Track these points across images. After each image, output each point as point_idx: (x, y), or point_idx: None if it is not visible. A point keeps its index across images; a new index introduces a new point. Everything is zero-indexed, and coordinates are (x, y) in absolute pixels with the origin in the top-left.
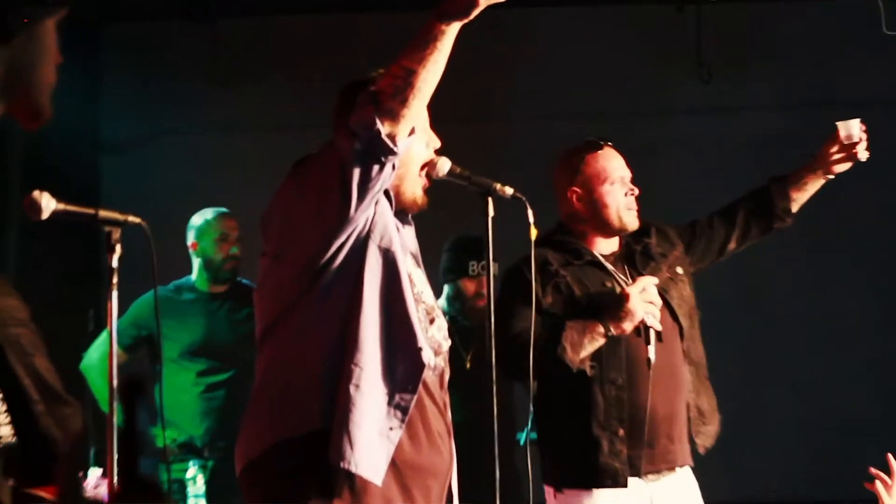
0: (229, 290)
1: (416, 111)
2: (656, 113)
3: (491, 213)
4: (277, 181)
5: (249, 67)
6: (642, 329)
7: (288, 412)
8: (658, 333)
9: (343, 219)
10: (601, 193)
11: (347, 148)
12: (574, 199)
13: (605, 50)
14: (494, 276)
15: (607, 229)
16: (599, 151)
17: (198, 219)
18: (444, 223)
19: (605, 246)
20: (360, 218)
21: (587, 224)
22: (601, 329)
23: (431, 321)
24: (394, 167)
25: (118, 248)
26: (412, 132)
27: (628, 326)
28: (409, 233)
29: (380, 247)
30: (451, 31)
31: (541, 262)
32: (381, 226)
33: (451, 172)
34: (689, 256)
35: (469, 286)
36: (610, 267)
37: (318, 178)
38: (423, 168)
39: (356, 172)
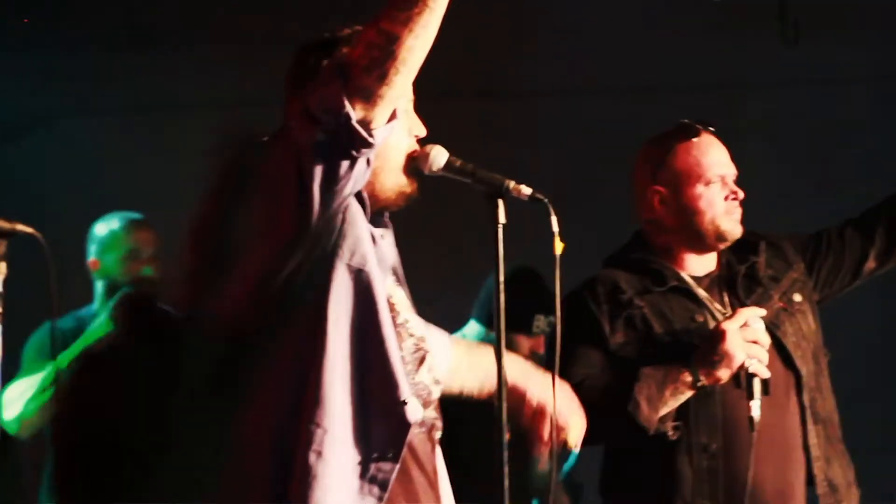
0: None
1: (400, 90)
2: (727, 85)
3: (502, 219)
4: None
5: (175, 28)
6: (743, 378)
7: (227, 487)
8: (765, 383)
9: (301, 230)
10: (693, 195)
11: (307, 137)
12: (657, 202)
13: (657, 4)
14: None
15: (700, 243)
16: (695, 140)
17: (101, 228)
18: (447, 225)
19: (697, 265)
20: (325, 229)
21: (673, 235)
22: (688, 378)
23: (421, 361)
24: (368, 163)
25: (3, 266)
26: (393, 116)
27: (724, 374)
28: (387, 242)
29: (350, 266)
30: None
31: (610, 287)
32: (353, 239)
33: (449, 166)
34: (812, 279)
35: (524, 344)
36: (702, 294)
37: (268, 174)
38: (407, 161)
39: (318, 169)
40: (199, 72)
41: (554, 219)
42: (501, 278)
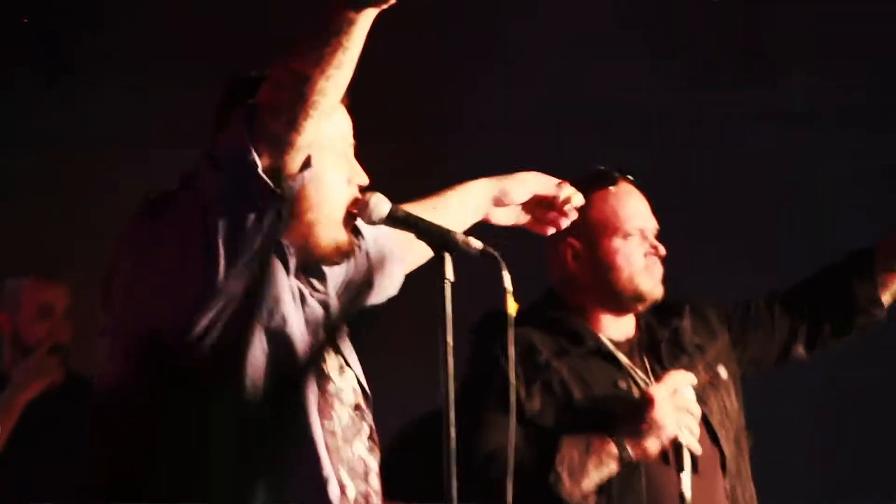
0: (60, 390)
1: (311, 135)
2: (686, 122)
3: (449, 276)
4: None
5: (91, 53)
6: (672, 452)
7: None
8: (694, 460)
9: (208, 287)
10: (610, 250)
11: (212, 186)
12: (569, 257)
13: (613, 29)
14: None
15: (617, 303)
16: (612, 189)
17: (9, 284)
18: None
19: (614, 328)
20: (236, 286)
21: (589, 294)
22: (613, 449)
23: (354, 434)
24: (280, 216)
25: None
26: (307, 164)
27: (653, 446)
28: (318, 301)
29: (268, 329)
30: (365, 20)
31: (525, 348)
32: (272, 298)
33: (391, 216)
34: (736, 353)
35: None
36: (623, 359)
37: (174, 223)
38: (347, 212)
39: (223, 223)
40: (125, 105)
41: (506, 275)
42: (450, 339)
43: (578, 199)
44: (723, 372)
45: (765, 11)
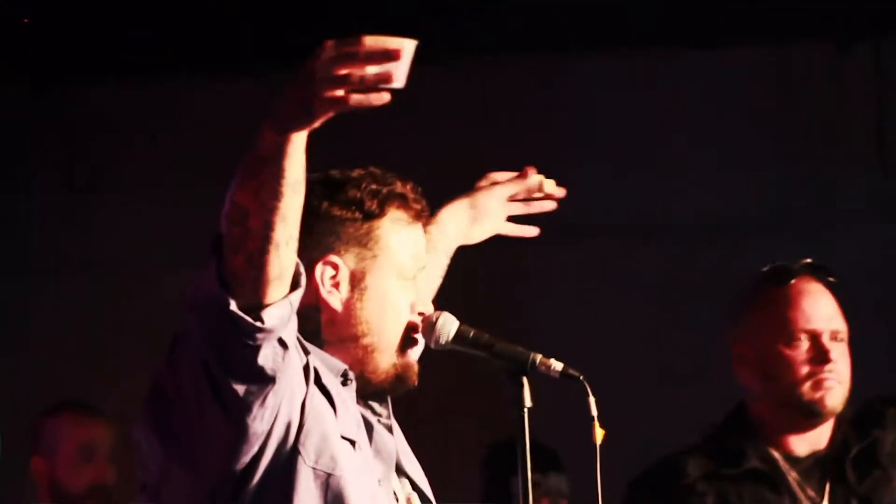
0: None
1: (279, 268)
2: (807, 225)
3: (528, 402)
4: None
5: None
6: None
7: None
8: None
9: (236, 435)
10: (774, 355)
11: (197, 331)
12: (738, 363)
13: (705, 117)
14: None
15: (791, 415)
16: (785, 286)
17: (43, 422)
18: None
19: (799, 442)
20: (269, 426)
21: (763, 404)
22: None
23: None
24: (284, 345)
25: None
26: (296, 286)
27: None
28: (385, 430)
29: (315, 470)
30: (294, 145)
31: (671, 474)
32: (318, 437)
33: (459, 337)
34: None
35: None
36: (792, 479)
37: (184, 368)
38: (406, 334)
39: (223, 368)
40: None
41: (592, 400)
42: (529, 475)
43: (550, 184)
44: None
45: None
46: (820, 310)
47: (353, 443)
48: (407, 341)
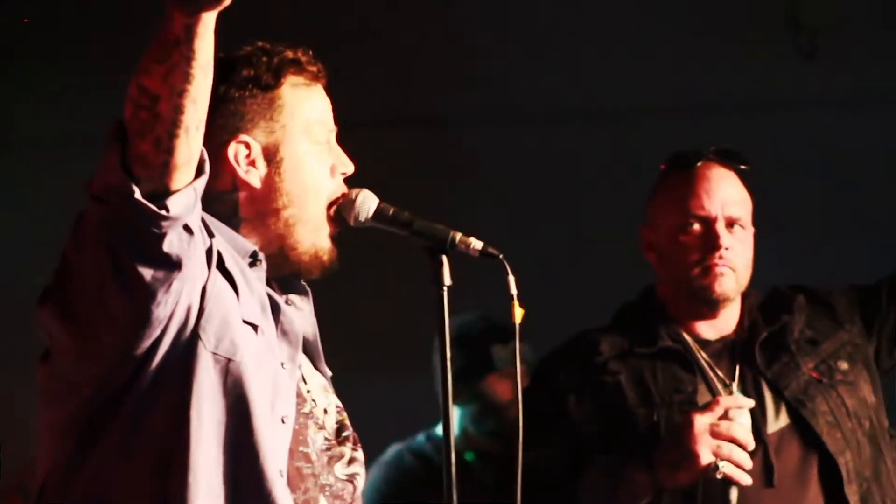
0: None
1: (188, 152)
2: (725, 107)
3: (447, 280)
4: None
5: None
6: (721, 484)
7: None
8: (771, 473)
9: (139, 320)
10: (669, 241)
11: (102, 222)
12: (645, 247)
13: (643, 11)
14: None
15: (691, 299)
16: (689, 170)
17: None
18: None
19: (706, 326)
20: (171, 311)
21: (668, 288)
22: (646, 479)
23: (334, 457)
24: (189, 231)
25: None
26: (200, 172)
27: (685, 479)
28: (298, 312)
29: (215, 355)
30: (204, 25)
31: (587, 349)
32: (218, 322)
33: (379, 215)
34: (872, 341)
35: (501, 388)
36: (702, 358)
37: (87, 252)
38: (329, 207)
39: (128, 254)
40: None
41: (512, 279)
42: (448, 351)
43: None
44: (843, 365)
45: None
46: (717, 195)
47: (255, 327)
48: (328, 214)
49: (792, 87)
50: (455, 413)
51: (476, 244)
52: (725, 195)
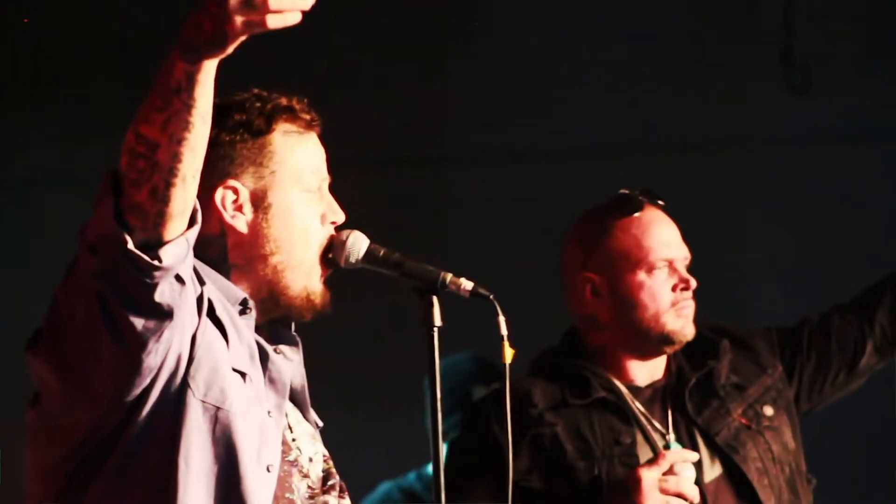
0: None
1: (183, 202)
2: (713, 144)
3: (437, 321)
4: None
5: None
6: None
7: None
8: None
9: (130, 368)
10: (633, 285)
11: (90, 268)
12: (588, 293)
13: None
14: None
15: (642, 344)
16: (637, 215)
17: None
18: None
19: (639, 372)
20: (162, 359)
21: (609, 334)
22: None
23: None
24: (181, 281)
25: None
26: (193, 222)
27: None
28: (287, 361)
29: (204, 403)
30: (205, 73)
31: (520, 399)
32: (208, 368)
33: (369, 256)
34: (793, 385)
35: None
36: (637, 409)
37: (78, 300)
38: (322, 253)
39: (119, 304)
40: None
41: (502, 320)
42: (439, 392)
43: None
44: (768, 411)
45: None
46: (673, 237)
47: (244, 375)
48: (321, 258)
49: (783, 122)
50: (444, 451)
51: (466, 285)
52: (677, 237)
